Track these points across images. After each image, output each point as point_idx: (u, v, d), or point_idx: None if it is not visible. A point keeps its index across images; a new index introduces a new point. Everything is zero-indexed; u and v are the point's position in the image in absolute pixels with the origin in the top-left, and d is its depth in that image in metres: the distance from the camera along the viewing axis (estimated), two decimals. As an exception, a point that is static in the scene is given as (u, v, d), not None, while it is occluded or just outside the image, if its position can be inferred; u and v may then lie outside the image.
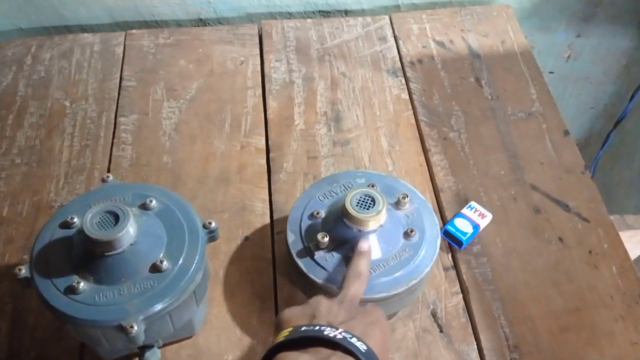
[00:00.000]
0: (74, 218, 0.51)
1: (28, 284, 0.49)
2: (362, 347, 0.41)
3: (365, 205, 0.55)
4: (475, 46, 0.87)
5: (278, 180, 0.73)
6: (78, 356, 0.59)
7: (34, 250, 0.50)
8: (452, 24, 0.90)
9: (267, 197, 0.71)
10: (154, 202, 0.53)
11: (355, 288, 0.49)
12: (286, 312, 0.46)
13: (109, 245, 0.47)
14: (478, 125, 0.78)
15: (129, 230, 0.47)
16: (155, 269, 0.49)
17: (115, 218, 0.47)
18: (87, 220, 0.47)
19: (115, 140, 0.76)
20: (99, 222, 0.47)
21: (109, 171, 0.73)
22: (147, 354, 0.53)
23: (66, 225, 0.51)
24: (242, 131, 0.78)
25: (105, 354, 0.53)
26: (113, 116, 0.79)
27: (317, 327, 0.42)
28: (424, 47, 0.87)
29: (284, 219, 0.68)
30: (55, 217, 0.52)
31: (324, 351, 0.40)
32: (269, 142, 0.76)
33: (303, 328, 0.42)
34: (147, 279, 0.49)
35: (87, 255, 0.48)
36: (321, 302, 0.46)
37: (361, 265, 0.51)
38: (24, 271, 0.48)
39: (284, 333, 0.42)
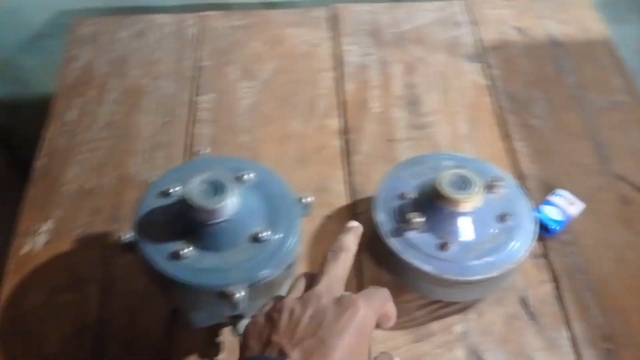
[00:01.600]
0: (173, 187, 0.51)
1: (129, 250, 0.49)
2: None
3: (460, 186, 0.54)
4: (555, 33, 0.85)
5: (355, 162, 0.72)
6: (168, 323, 0.59)
7: (137, 218, 0.50)
8: (529, 10, 0.89)
9: (345, 179, 0.71)
10: (250, 175, 0.53)
11: (336, 269, 0.45)
12: (250, 324, 0.43)
13: (213, 214, 0.47)
14: (561, 113, 0.76)
15: (232, 200, 0.48)
16: (255, 239, 0.49)
17: (219, 188, 0.48)
18: (192, 190, 0.47)
19: (193, 119, 0.77)
20: (202, 191, 0.47)
21: (190, 148, 0.74)
22: (240, 324, 0.53)
23: (165, 194, 0.51)
24: (317, 113, 0.77)
25: (198, 322, 0.54)
26: (191, 95, 0.79)
27: None
28: (501, 33, 0.86)
29: (364, 200, 0.68)
30: (153, 185, 0.53)
31: None
32: (346, 125, 0.76)
33: None
34: (248, 248, 0.49)
35: (190, 223, 0.48)
36: (283, 310, 0.41)
37: (346, 239, 0.47)
38: (128, 236, 0.49)
39: None
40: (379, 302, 0.44)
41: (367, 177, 0.70)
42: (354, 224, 0.49)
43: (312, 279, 0.45)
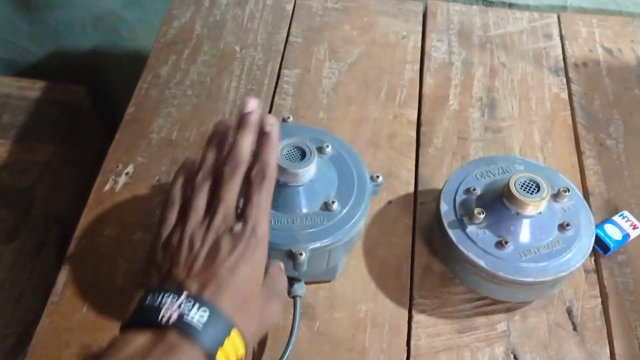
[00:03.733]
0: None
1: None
2: (201, 320, 0.39)
3: (529, 189, 0.55)
4: (644, 59, 0.85)
5: (426, 153, 0.74)
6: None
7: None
8: (622, 33, 0.88)
9: (413, 168, 0.73)
10: (329, 147, 0.56)
11: (232, 193, 0.44)
12: (149, 255, 0.44)
13: (295, 177, 0.50)
14: (638, 137, 0.76)
15: (312, 167, 0.51)
16: (326, 207, 0.52)
17: (302, 154, 0.51)
18: (280, 152, 0.50)
19: (277, 90, 0.80)
20: (287, 154, 0.51)
21: (269, 116, 0.77)
22: (296, 286, 0.56)
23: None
24: (396, 101, 0.80)
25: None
26: (278, 67, 0.83)
27: (157, 302, 0.40)
28: (590, 51, 0.86)
29: (429, 191, 0.70)
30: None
31: (160, 334, 0.39)
32: (421, 117, 0.78)
33: (147, 301, 0.40)
34: (318, 215, 0.52)
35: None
36: (184, 239, 0.43)
37: (242, 149, 0.44)
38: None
39: (134, 301, 0.41)
40: (266, 235, 0.44)
41: (435, 170, 0.72)
42: (250, 106, 0.45)
43: (210, 192, 0.45)
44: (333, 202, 0.52)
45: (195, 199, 0.45)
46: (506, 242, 0.56)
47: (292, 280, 0.57)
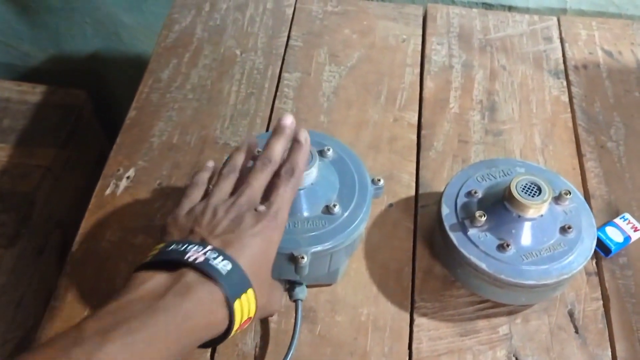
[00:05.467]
0: (259, 152, 0.55)
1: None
2: (225, 267, 0.41)
3: (531, 192, 0.56)
4: (644, 61, 0.85)
5: (427, 157, 0.74)
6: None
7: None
8: (622, 35, 0.88)
9: (414, 171, 0.73)
10: (330, 150, 0.56)
11: (260, 180, 0.48)
12: (170, 218, 0.47)
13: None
14: (639, 139, 0.76)
15: (314, 171, 0.51)
16: (327, 210, 0.52)
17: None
18: (281, 155, 0.51)
19: (278, 93, 0.80)
20: None
21: (270, 120, 0.77)
22: (297, 289, 0.56)
23: (253, 157, 0.55)
24: (396, 105, 0.80)
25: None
26: (278, 71, 0.83)
27: (182, 247, 0.42)
28: (590, 53, 0.86)
29: (430, 194, 0.70)
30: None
31: (179, 272, 0.41)
32: (422, 120, 0.78)
33: (171, 247, 0.43)
34: (319, 218, 0.52)
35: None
36: (208, 208, 0.46)
37: (275, 151, 0.49)
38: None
39: (154, 251, 0.44)
40: (284, 223, 0.48)
41: (435, 173, 0.73)
42: (287, 121, 0.50)
43: (236, 183, 0.49)
44: (334, 206, 0.52)
45: (221, 183, 0.49)
46: (508, 245, 0.56)
47: (293, 284, 0.57)
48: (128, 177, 0.72)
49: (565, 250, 0.56)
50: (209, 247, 0.42)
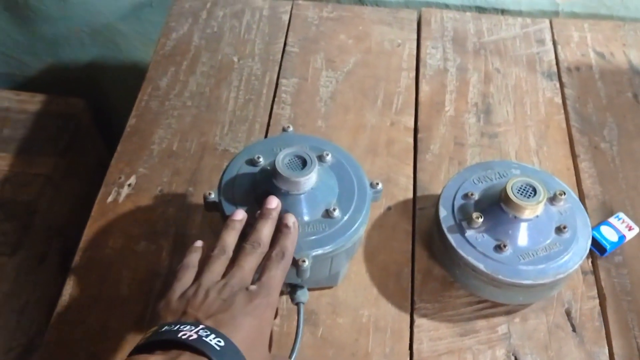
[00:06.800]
0: (259, 157, 0.56)
1: (213, 208, 0.54)
2: (218, 344, 0.41)
3: (526, 193, 0.57)
4: (636, 62, 0.86)
5: (424, 160, 0.75)
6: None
7: (222, 179, 0.55)
8: (614, 37, 0.90)
9: (411, 174, 0.74)
10: (329, 155, 0.57)
11: (250, 262, 0.49)
12: (162, 303, 0.47)
13: (296, 185, 0.51)
14: (631, 140, 0.77)
15: (313, 176, 0.52)
16: (327, 214, 0.53)
17: (303, 162, 0.52)
18: (281, 161, 0.52)
19: (275, 99, 0.81)
20: (288, 163, 0.52)
21: (268, 126, 0.78)
22: (299, 293, 0.57)
23: (252, 162, 0.56)
24: (393, 108, 0.81)
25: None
26: (275, 77, 0.84)
27: (175, 327, 0.43)
28: (582, 55, 0.87)
29: (427, 197, 0.71)
30: (242, 154, 0.58)
31: (174, 352, 0.41)
32: (418, 123, 0.79)
33: (164, 328, 0.43)
34: (319, 222, 0.53)
35: (271, 192, 0.53)
36: (200, 289, 0.46)
37: (264, 235, 0.50)
38: (213, 196, 0.54)
39: (148, 333, 0.44)
40: (276, 302, 0.49)
41: (432, 176, 0.74)
42: (272, 204, 0.52)
43: (227, 265, 0.49)
44: (334, 210, 0.53)
45: (212, 265, 0.49)
46: (505, 246, 0.57)
47: (295, 287, 0.58)
48: (129, 185, 0.73)
49: (561, 250, 0.57)
50: (201, 326, 0.43)
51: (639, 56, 0.87)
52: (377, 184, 0.57)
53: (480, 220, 0.58)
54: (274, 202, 0.52)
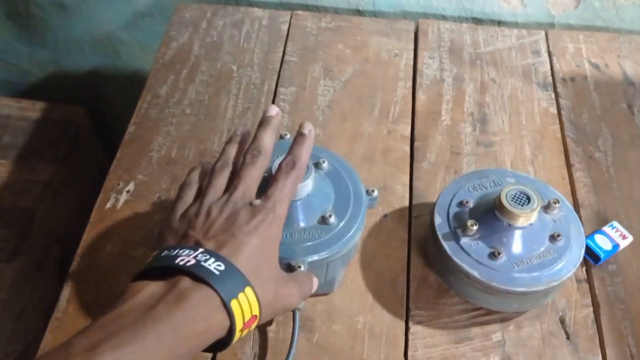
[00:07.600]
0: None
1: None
2: (217, 269, 0.40)
3: (520, 201, 0.57)
4: (631, 73, 0.87)
5: (420, 168, 0.76)
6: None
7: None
8: (609, 48, 0.91)
9: (407, 182, 0.75)
10: (325, 162, 0.58)
11: (253, 174, 0.46)
12: (165, 224, 0.46)
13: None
14: (626, 150, 0.78)
15: (310, 182, 0.53)
16: (323, 221, 0.54)
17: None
18: (276, 167, 0.52)
19: (274, 108, 0.82)
20: None
21: (266, 134, 0.79)
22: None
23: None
24: (390, 117, 0.82)
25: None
26: (274, 85, 0.85)
27: (174, 252, 0.41)
28: (577, 66, 0.88)
29: (423, 205, 0.72)
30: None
31: (175, 279, 0.40)
32: (415, 132, 0.80)
33: (164, 253, 0.42)
34: (315, 229, 0.53)
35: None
36: (202, 208, 0.45)
37: (265, 140, 0.48)
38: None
39: (149, 258, 0.43)
40: (283, 217, 0.47)
41: (428, 184, 0.74)
42: (272, 111, 0.50)
43: (229, 179, 0.48)
44: (330, 216, 0.54)
45: (214, 180, 0.48)
46: (499, 253, 0.57)
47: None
48: (128, 191, 0.73)
49: (554, 258, 0.58)
50: (200, 250, 0.41)
51: (634, 67, 0.88)
52: (373, 191, 0.58)
53: (475, 227, 0.58)
54: (274, 110, 0.50)
